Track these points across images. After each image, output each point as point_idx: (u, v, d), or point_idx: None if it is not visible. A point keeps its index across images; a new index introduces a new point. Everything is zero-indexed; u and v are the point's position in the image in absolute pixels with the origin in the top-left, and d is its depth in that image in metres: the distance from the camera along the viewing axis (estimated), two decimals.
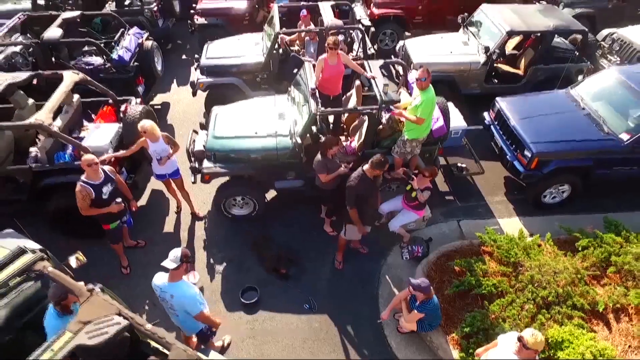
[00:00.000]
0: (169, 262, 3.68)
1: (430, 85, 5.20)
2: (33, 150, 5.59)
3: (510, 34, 7.61)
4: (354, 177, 4.89)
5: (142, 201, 6.64)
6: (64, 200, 5.47)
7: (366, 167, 4.84)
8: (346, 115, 6.48)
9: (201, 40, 10.22)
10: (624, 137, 5.81)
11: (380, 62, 6.49)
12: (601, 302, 4.83)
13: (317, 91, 5.66)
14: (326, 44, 5.85)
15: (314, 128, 5.80)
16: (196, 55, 8.42)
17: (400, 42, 8.86)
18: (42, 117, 5.10)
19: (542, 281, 4.96)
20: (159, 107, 8.85)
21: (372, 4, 10.10)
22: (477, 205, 6.67)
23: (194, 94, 8.00)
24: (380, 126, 5.83)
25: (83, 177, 4.79)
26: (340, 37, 8.15)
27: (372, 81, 5.82)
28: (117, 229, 5.33)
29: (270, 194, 6.56)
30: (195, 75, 8.07)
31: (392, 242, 6.01)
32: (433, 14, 10.08)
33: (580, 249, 5.41)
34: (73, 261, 4.22)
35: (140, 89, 7.77)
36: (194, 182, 5.95)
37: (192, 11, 10.11)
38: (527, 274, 5.07)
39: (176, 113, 8.68)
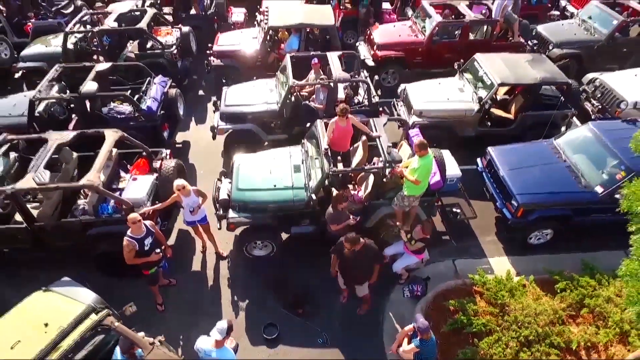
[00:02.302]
0: (216, 333, 4.40)
1: (429, 152, 5.98)
2: (81, 203, 6.39)
3: (501, 86, 8.40)
4: (338, 244, 5.63)
5: (171, 240, 7.40)
6: (106, 247, 6.28)
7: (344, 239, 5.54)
8: (354, 164, 7.25)
9: (217, 78, 11.06)
10: (599, 189, 6.60)
11: (384, 120, 7.25)
12: (575, 341, 5.62)
13: (329, 150, 6.48)
14: (337, 110, 6.63)
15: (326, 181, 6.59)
16: (214, 99, 9.22)
17: (402, 86, 9.62)
18: (92, 178, 5.89)
19: (524, 321, 5.76)
20: (180, 145, 9.64)
21: (375, 46, 10.89)
22: (471, 245, 7.45)
23: (214, 137, 8.76)
24: (385, 179, 6.61)
25: (129, 232, 5.58)
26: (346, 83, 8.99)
27: (378, 140, 6.63)
28: (155, 274, 6.13)
29: (286, 234, 7.33)
30: (215, 119, 8.83)
31: (395, 281, 6.79)
32: (431, 55, 10.85)
33: (558, 290, 6.20)
34: (127, 310, 5.00)
35: (166, 134, 8.58)
36: (220, 229, 6.76)
37: (208, 52, 10.93)
38: (512, 314, 5.86)
39: (197, 152, 9.47)
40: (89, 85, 7.95)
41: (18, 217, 6.42)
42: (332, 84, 8.29)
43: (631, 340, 5.51)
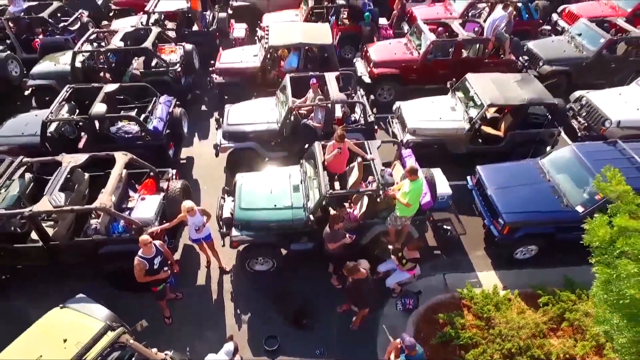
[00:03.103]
0: (223, 355, 4.82)
1: (419, 176, 6.41)
2: (93, 223, 6.81)
3: (490, 106, 8.81)
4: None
5: (177, 256, 7.77)
6: (117, 264, 6.69)
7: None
8: (350, 184, 7.66)
9: (219, 94, 11.48)
10: (580, 209, 7.01)
11: (378, 142, 7.67)
12: (554, 353, 6.03)
13: (326, 172, 6.91)
14: (334, 136, 7.06)
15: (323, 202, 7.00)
16: (217, 116, 9.65)
17: (397, 104, 10.01)
18: (104, 201, 6.31)
19: (508, 335, 6.18)
20: (184, 161, 10.05)
21: (371, 64, 11.31)
22: (461, 260, 7.86)
23: (217, 154, 9.18)
24: (378, 199, 7.03)
25: (139, 253, 5.99)
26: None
27: (372, 163, 7.06)
28: (163, 289, 6.55)
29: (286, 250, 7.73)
30: (217, 137, 9.24)
31: (389, 295, 7.20)
32: (426, 72, 11.25)
33: (541, 305, 6.62)
34: (139, 327, 5.42)
35: (171, 152, 9.01)
36: (223, 245, 7.19)
37: (210, 69, 11.34)
38: (497, 328, 6.29)
39: (200, 168, 9.88)
40: (98, 107, 8.35)
41: (34, 235, 6.85)
42: (329, 105, 8.71)
43: (606, 353, 5.93)
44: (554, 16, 14.75)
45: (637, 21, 12.84)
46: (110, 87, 8.99)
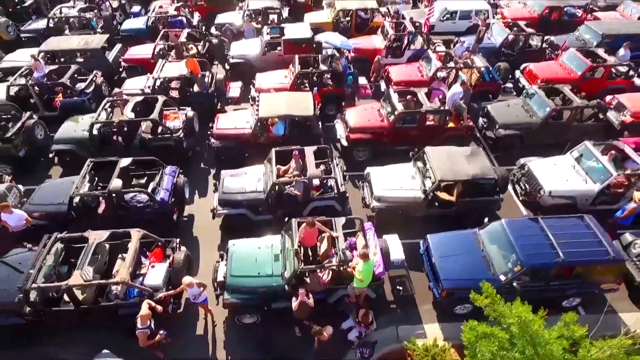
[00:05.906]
0: None
1: (370, 259, 8.14)
2: (114, 288, 8.56)
3: (441, 182, 10.53)
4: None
5: (181, 308, 9.55)
6: (132, 321, 8.40)
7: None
8: (321, 252, 9.40)
9: (216, 155, 13.21)
10: (502, 278, 8.73)
11: (343, 220, 9.42)
12: None
13: (300, 248, 8.66)
14: (305, 222, 8.79)
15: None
16: (214, 181, 11.41)
17: (367, 169, 11.74)
18: (124, 276, 8.07)
19: None
20: (186, 219, 11.80)
21: (348, 129, 13.05)
22: (412, 313, 9.60)
23: (214, 217, 10.93)
24: (341, 268, 8.77)
25: (139, 325, 7.69)
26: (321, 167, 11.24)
27: (336, 240, 8.81)
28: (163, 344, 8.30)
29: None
30: (214, 200, 10.98)
31: (350, 346, 8.91)
32: (395, 137, 12.99)
33: (469, 357, 8.33)
34: None
35: (175, 216, 10.77)
36: (218, 304, 8.94)
37: (209, 132, 13.08)
38: None
39: (199, 227, 11.60)
40: (115, 183, 10.11)
41: (65, 297, 8.59)
42: (307, 180, 10.47)
43: None
44: (517, 73, 16.48)
45: (583, 86, 14.59)
46: (124, 162, 10.73)
